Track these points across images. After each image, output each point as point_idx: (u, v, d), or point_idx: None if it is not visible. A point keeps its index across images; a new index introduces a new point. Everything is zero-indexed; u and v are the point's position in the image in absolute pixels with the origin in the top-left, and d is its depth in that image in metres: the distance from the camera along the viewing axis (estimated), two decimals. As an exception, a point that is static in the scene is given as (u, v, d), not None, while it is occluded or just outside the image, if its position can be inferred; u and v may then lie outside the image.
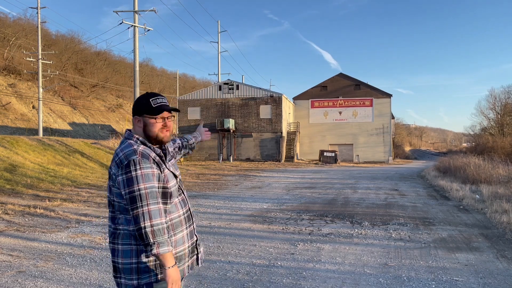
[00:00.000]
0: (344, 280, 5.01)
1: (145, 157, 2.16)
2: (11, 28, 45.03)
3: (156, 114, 2.25)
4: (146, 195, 2.08)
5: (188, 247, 2.33)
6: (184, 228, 2.31)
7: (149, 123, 2.26)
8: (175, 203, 2.30)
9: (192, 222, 2.41)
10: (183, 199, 2.38)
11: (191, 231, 2.38)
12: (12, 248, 6.47)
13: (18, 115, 38.49)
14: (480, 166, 18.46)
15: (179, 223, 2.29)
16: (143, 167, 2.13)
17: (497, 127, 53.92)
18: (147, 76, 68.44)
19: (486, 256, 6.09)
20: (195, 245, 2.41)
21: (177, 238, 2.26)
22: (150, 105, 2.26)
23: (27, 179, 14.21)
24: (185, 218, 2.33)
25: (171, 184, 2.26)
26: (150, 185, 2.10)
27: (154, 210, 2.08)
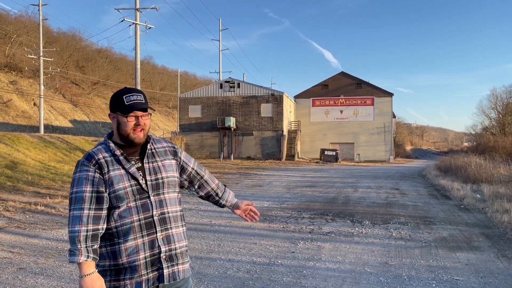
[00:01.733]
0: (344, 279, 5.01)
1: (88, 159, 2.09)
2: (13, 25, 45.03)
3: (128, 112, 2.11)
4: (74, 200, 2.03)
5: (144, 258, 2.07)
6: (138, 236, 2.06)
7: (121, 122, 2.13)
8: (130, 207, 2.07)
9: (155, 231, 2.10)
10: (145, 203, 2.10)
11: (152, 240, 2.09)
12: (13, 245, 6.48)
13: (19, 112, 38.53)
14: (481, 165, 18.44)
15: (130, 229, 2.06)
16: (81, 170, 2.08)
17: (498, 126, 53.85)
18: (148, 74, 68.43)
19: (487, 256, 6.08)
20: (158, 258, 2.10)
21: (127, 245, 2.05)
22: (123, 102, 2.12)
23: (28, 176, 14.22)
24: (141, 225, 2.07)
25: (118, 187, 2.06)
26: (79, 189, 2.04)
27: (75, 216, 2.00)
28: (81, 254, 1.96)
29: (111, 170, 2.08)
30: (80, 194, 2.02)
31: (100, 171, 2.06)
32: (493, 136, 48.32)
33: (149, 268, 2.09)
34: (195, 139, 42.63)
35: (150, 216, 2.10)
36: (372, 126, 48.33)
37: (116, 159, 2.11)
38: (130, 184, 2.09)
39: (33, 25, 45.27)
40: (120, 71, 61.92)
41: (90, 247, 1.99)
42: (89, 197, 2.02)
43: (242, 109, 42.66)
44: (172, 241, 2.15)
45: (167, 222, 2.15)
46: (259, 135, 42.32)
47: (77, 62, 54.43)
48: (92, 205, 2.02)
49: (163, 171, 2.19)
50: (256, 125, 42.41)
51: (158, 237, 2.11)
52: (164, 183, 2.17)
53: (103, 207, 2.04)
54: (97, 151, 2.12)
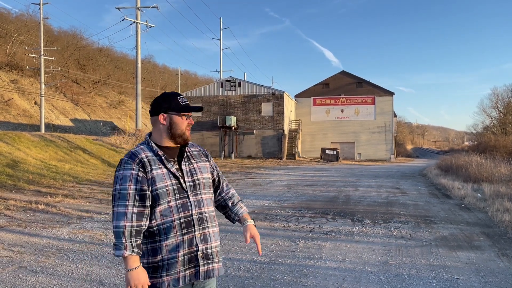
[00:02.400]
0: (344, 278, 5.01)
1: (131, 158, 2.18)
2: (14, 24, 45.04)
3: (186, 111, 2.28)
4: (118, 196, 2.13)
5: (183, 255, 2.16)
6: (178, 234, 2.15)
7: (177, 121, 2.26)
8: (170, 206, 2.16)
9: (194, 230, 2.19)
10: (185, 203, 2.20)
11: (191, 239, 2.18)
12: (14, 243, 6.49)
13: (20, 111, 38.55)
14: (482, 164, 18.42)
15: (171, 227, 2.15)
16: (124, 168, 2.16)
17: (499, 126, 53.76)
18: (149, 72, 68.41)
19: (488, 255, 6.08)
20: (196, 256, 2.19)
21: (167, 243, 2.14)
22: (178, 103, 2.27)
23: (29, 175, 14.23)
24: (181, 224, 2.16)
25: (160, 185, 2.15)
26: (123, 186, 2.12)
27: (120, 212, 2.10)
28: (126, 248, 2.06)
29: (154, 169, 2.17)
30: (125, 191, 2.12)
31: (143, 169, 2.15)
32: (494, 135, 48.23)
33: (187, 265, 2.18)
34: (196, 138, 42.64)
35: (190, 215, 2.20)
36: (373, 125, 48.30)
37: (159, 158, 2.21)
38: (172, 183, 2.18)
39: (34, 24, 45.27)
40: (121, 70, 61.90)
41: (134, 242, 2.09)
42: (133, 194, 2.12)
43: (243, 108, 42.65)
44: (208, 240, 2.25)
45: (204, 221, 2.25)
46: (260, 134, 42.31)
47: (78, 61, 54.43)
48: (135, 202, 2.12)
49: (199, 172, 2.30)
50: (257, 124, 42.40)
51: (196, 235, 2.21)
52: (200, 184, 2.28)
53: (145, 204, 2.13)
54: (140, 150, 2.22)
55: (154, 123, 2.30)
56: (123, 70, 62.10)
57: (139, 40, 32.22)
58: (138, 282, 2.07)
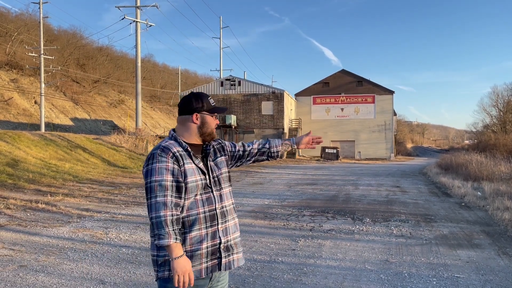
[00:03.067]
0: (345, 276, 5.01)
1: (164, 152, 2.25)
2: (13, 23, 44.99)
3: (216, 112, 2.43)
4: (155, 188, 2.18)
5: (206, 248, 2.25)
6: (202, 227, 2.25)
7: (208, 120, 2.39)
8: (196, 200, 2.26)
9: (217, 223, 2.30)
10: (209, 197, 2.30)
11: (214, 232, 2.28)
12: (14, 242, 6.49)
13: (20, 110, 38.54)
14: (482, 163, 18.42)
15: (196, 220, 2.24)
16: (159, 160, 2.22)
17: (499, 124, 53.75)
18: (149, 71, 68.36)
19: (488, 253, 6.08)
20: (218, 248, 2.29)
21: (192, 235, 2.22)
22: (209, 104, 2.41)
23: (29, 174, 14.24)
24: (205, 217, 2.26)
25: (191, 179, 2.24)
26: (160, 178, 2.18)
27: (160, 202, 2.15)
28: (170, 236, 2.12)
29: (186, 164, 2.27)
30: (163, 183, 2.18)
31: (177, 163, 2.24)
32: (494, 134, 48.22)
33: (209, 257, 2.26)
34: (196, 137, 42.60)
35: (214, 209, 2.30)
36: (373, 124, 48.30)
37: (188, 154, 2.30)
38: (200, 178, 2.29)
39: (33, 23, 45.23)
40: (121, 69, 61.85)
41: (177, 230, 2.15)
42: (170, 186, 2.19)
43: (243, 107, 42.64)
44: (229, 233, 2.35)
45: (226, 215, 2.36)
46: (260, 133, 42.30)
47: (78, 60, 54.38)
48: (173, 192, 2.19)
49: (219, 168, 2.43)
50: (257, 123, 42.40)
51: (219, 228, 2.30)
52: (220, 179, 2.40)
53: (181, 196, 2.22)
54: (171, 145, 2.29)
55: (183, 121, 2.39)
56: (123, 69, 62.05)
57: (139, 39, 32.20)
58: (185, 269, 2.13)
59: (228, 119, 40.82)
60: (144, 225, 7.89)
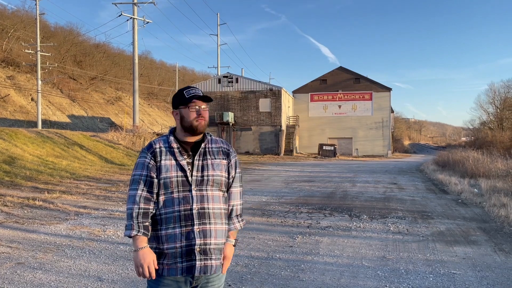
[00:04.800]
0: (342, 273, 5.03)
1: (147, 147, 2.34)
2: (10, 20, 44.78)
3: (189, 103, 2.33)
4: (131, 181, 2.30)
5: (180, 247, 2.21)
6: (176, 226, 2.22)
7: (184, 114, 2.34)
8: (173, 197, 2.24)
9: (192, 224, 2.23)
10: (187, 196, 2.24)
11: (189, 232, 2.22)
12: (11, 239, 6.48)
13: (17, 107, 38.40)
14: (479, 160, 18.48)
15: (171, 218, 2.23)
16: (140, 156, 2.34)
17: (496, 121, 53.90)
18: (146, 68, 68.19)
19: (484, 250, 6.11)
20: (193, 249, 2.22)
21: (167, 232, 2.23)
22: (183, 96, 2.36)
23: (26, 171, 14.21)
24: (180, 216, 2.22)
25: (165, 175, 2.25)
26: (136, 172, 2.30)
27: (131, 195, 2.26)
28: (133, 228, 2.20)
29: (163, 160, 2.29)
30: (136, 177, 2.28)
31: (154, 159, 2.29)
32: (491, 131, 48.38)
33: (184, 258, 2.24)
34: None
35: (190, 209, 2.26)
36: (370, 121, 48.35)
37: (171, 151, 2.32)
38: (177, 175, 2.27)
39: (30, 19, 45.02)
40: (118, 66, 61.68)
41: (142, 223, 2.22)
42: (143, 180, 2.26)
43: (241, 104, 42.61)
44: (208, 236, 2.27)
45: (206, 217, 2.28)
46: (257, 130, 42.30)
47: (75, 57, 54.20)
48: (145, 187, 2.26)
49: (210, 169, 2.33)
50: (254, 120, 42.38)
51: (195, 229, 2.25)
52: (209, 180, 2.31)
53: (153, 190, 2.27)
54: (157, 141, 2.37)
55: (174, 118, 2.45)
56: (120, 66, 61.89)
57: (136, 36, 32.11)
58: (143, 261, 2.18)
59: (225, 116, 40.79)
60: (141, 222, 7.88)
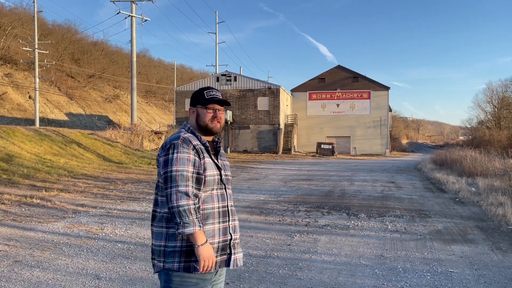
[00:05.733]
0: (340, 271, 5.03)
1: (185, 143, 2.28)
2: (7, 17, 44.64)
3: (207, 104, 2.37)
4: (177, 177, 2.19)
5: (218, 242, 2.28)
6: (216, 222, 2.29)
7: (200, 113, 2.38)
8: (212, 194, 2.31)
9: (228, 219, 2.35)
10: (223, 193, 2.36)
11: (225, 228, 2.33)
12: (9, 237, 6.47)
13: (15, 105, 38.30)
14: (477, 159, 18.51)
15: (211, 215, 2.28)
16: (180, 151, 2.25)
17: (494, 120, 53.98)
18: (145, 67, 68.08)
19: (481, 248, 6.12)
20: (228, 244, 2.33)
21: (206, 228, 2.25)
22: (203, 96, 2.39)
23: (24, 169, 14.18)
24: (219, 212, 2.31)
25: (209, 173, 2.29)
26: (182, 168, 2.21)
27: (182, 192, 2.17)
28: (195, 224, 2.15)
29: (205, 157, 2.31)
30: (184, 173, 2.20)
31: (198, 155, 2.28)
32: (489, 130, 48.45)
33: (219, 252, 2.29)
34: (191, 132, 42.51)
35: (226, 206, 2.36)
36: (368, 120, 48.39)
37: (206, 149, 2.34)
38: (217, 173, 2.33)
39: (28, 17, 44.89)
40: (116, 64, 61.57)
41: (199, 218, 2.19)
42: (191, 177, 2.22)
43: (239, 102, 42.58)
44: (236, 231, 2.42)
45: (234, 213, 2.44)
46: (255, 128, 42.29)
47: (73, 55, 54.08)
48: (193, 183, 2.23)
49: (228, 169, 2.48)
50: (252, 118, 42.37)
51: (230, 225, 2.36)
52: (228, 179, 2.45)
53: (200, 188, 2.26)
54: (190, 138, 2.32)
55: (189, 114, 2.48)
56: (118, 64, 61.77)
57: (134, 34, 32.05)
58: (210, 255, 2.18)
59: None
60: (139, 220, 7.88)
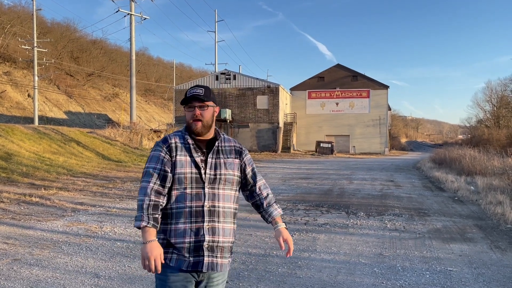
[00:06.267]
0: (339, 270, 5.04)
1: (163, 141, 2.33)
2: (6, 16, 44.54)
3: (187, 103, 2.33)
4: (144, 174, 2.29)
5: (189, 243, 2.23)
6: (187, 221, 2.24)
7: (185, 113, 2.36)
8: (185, 193, 2.26)
9: (202, 220, 2.25)
10: (199, 193, 2.27)
11: (199, 228, 2.25)
12: (8, 236, 6.47)
13: (14, 103, 38.24)
14: (476, 158, 18.53)
15: (182, 214, 2.25)
16: (155, 149, 2.32)
17: (493, 119, 54.01)
18: (144, 65, 68.00)
19: (480, 247, 6.13)
20: (201, 246, 2.25)
21: (177, 227, 2.24)
22: (185, 96, 2.35)
23: (23, 168, 14.16)
24: (191, 212, 2.25)
25: (180, 171, 2.26)
26: (150, 165, 2.28)
27: (142, 187, 2.25)
28: (143, 219, 2.18)
29: (178, 155, 2.29)
30: (149, 170, 2.27)
31: (169, 153, 2.29)
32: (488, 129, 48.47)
33: (192, 253, 2.25)
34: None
35: (201, 206, 2.27)
36: (368, 119, 48.40)
37: (187, 147, 2.32)
38: (191, 171, 2.28)
39: (26, 15, 44.79)
40: (115, 62, 61.47)
41: (152, 215, 2.20)
42: (157, 173, 2.25)
43: (238, 101, 42.56)
44: (217, 234, 2.29)
45: (216, 215, 2.30)
46: (255, 127, 42.28)
47: (72, 53, 53.98)
48: (157, 180, 2.25)
49: (223, 168, 2.35)
50: (252, 117, 42.35)
51: (205, 226, 2.27)
52: (221, 179, 2.33)
53: (165, 184, 2.26)
54: (172, 136, 2.36)
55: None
56: (117, 63, 61.69)
57: (133, 32, 31.99)
58: (150, 254, 2.15)
59: (223, 113, 40.72)
60: (138, 219, 7.87)
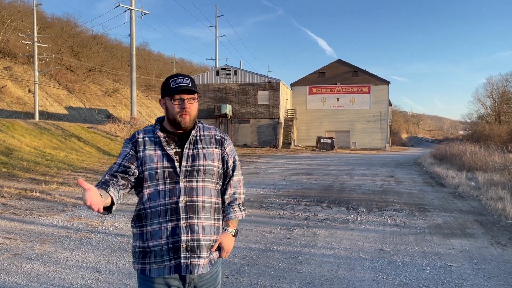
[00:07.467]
0: (339, 265, 5.04)
1: (130, 138, 2.22)
2: (6, 10, 44.42)
3: (173, 94, 2.10)
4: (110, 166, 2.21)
5: (167, 244, 2.05)
6: (163, 221, 2.05)
7: (169, 106, 2.14)
8: (158, 190, 2.08)
9: (179, 218, 2.05)
10: (173, 188, 2.07)
11: (175, 227, 2.05)
12: (8, 231, 6.47)
13: (14, 98, 38.21)
14: (476, 153, 18.52)
15: (156, 213, 2.07)
16: (123, 145, 2.23)
17: (494, 115, 53.96)
18: (144, 60, 67.89)
19: (481, 242, 6.13)
20: (179, 247, 2.05)
21: (152, 228, 2.06)
22: (169, 86, 2.12)
23: (23, 163, 14.17)
24: (166, 210, 2.06)
25: (149, 166, 2.09)
26: (116, 161, 2.18)
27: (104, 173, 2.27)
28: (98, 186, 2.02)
29: (147, 150, 2.14)
30: (113, 165, 2.17)
31: (135, 149, 2.16)
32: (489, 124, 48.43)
33: (171, 255, 2.07)
34: (191, 126, 42.47)
35: (176, 202, 2.07)
36: (368, 114, 48.35)
37: (157, 140, 2.15)
38: (163, 165, 2.10)
39: (27, 10, 44.67)
40: (116, 57, 61.37)
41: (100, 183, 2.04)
42: (117, 167, 2.14)
43: (239, 96, 42.51)
44: (196, 232, 2.08)
45: (194, 210, 2.09)
46: (255, 122, 42.25)
47: (72, 48, 53.87)
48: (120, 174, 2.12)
49: (202, 158, 2.15)
50: (252, 112, 42.31)
51: (181, 224, 2.06)
52: (200, 170, 2.13)
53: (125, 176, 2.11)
54: (141, 131, 2.23)
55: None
56: (118, 58, 61.58)
57: (133, 27, 31.90)
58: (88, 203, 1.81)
59: (223, 108, 40.69)
60: (139, 214, 7.88)
